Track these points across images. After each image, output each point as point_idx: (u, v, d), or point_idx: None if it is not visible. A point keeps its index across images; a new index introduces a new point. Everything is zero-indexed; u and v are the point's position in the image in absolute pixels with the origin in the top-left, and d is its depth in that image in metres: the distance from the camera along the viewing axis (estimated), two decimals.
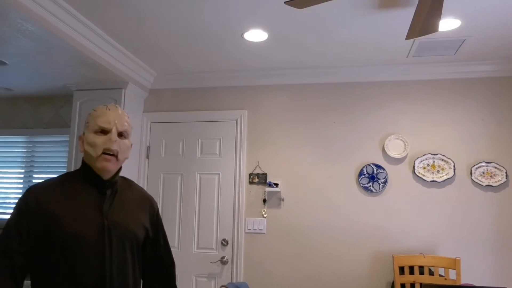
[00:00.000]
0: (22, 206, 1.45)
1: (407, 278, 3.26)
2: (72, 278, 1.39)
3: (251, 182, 3.88)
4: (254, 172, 3.90)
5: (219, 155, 4.00)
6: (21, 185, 4.53)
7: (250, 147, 3.96)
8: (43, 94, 4.42)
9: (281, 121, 3.94)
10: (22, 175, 4.55)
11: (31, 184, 4.47)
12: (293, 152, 3.87)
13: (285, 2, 2.21)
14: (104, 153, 1.50)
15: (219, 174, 3.97)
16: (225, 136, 4.02)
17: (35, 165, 4.53)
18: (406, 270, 3.30)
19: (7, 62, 3.43)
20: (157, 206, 1.75)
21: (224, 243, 3.84)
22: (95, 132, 1.52)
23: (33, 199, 1.45)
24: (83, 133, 1.57)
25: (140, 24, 3.06)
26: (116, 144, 1.51)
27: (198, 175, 4.01)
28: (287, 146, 3.89)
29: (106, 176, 1.54)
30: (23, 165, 4.56)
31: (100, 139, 1.51)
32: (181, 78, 4.12)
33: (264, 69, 3.93)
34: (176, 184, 4.02)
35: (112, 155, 1.51)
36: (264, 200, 3.84)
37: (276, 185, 3.77)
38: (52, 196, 1.46)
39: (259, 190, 3.86)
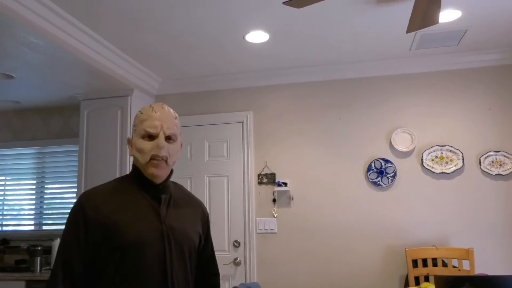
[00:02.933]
0: (79, 213, 1.38)
1: (421, 271, 3.25)
2: (134, 285, 1.34)
3: (260, 183, 3.90)
4: (262, 173, 3.92)
5: (227, 157, 4.02)
6: (34, 196, 4.59)
7: (257, 148, 3.98)
8: (51, 105, 4.48)
9: (287, 120, 3.95)
10: (34, 186, 4.61)
11: (43, 195, 4.54)
12: (300, 150, 3.89)
13: (283, 3, 2.23)
14: (152, 159, 1.43)
15: (227, 176, 3.99)
16: (232, 138, 4.04)
17: (47, 176, 4.59)
18: (420, 262, 3.29)
19: (14, 75, 3.49)
20: (207, 212, 1.70)
21: (236, 244, 3.86)
22: (142, 137, 1.45)
23: (90, 206, 1.38)
24: (132, 137, 1.51)
25: (143, 32, 3.10)
26: (164, 150, 1.44)
27: (207, 178, 4.03)
28: (294, 145, 3.90)
29: (158, 181, 1.47)
30: (35, 176, 4.62)
31: (147, 145, 1.44)
32: (185, 82, 4.16)
33: (267, 70, 3.95)
34: (185, 187, 4.04)
35: (161, 159, 1.44)
36: (274, 200, 3.85)
37: (285, 184, 3.79)
38: (109, 202, 1.41)
39: (268, 190, 3.88)
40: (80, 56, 3.08)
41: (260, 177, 3.91)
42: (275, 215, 3.83)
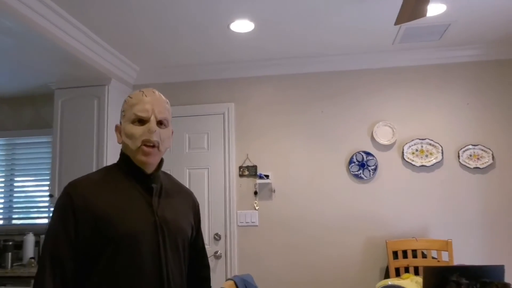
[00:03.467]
0: (67, 204, 1.29)
1: (401, 262, 3.29)
2: (128, 279, 1.27)
3: (241, 175, 3.85)
4: (244, 165, 3.87)
5: (208, 149, 3.95)
6: (2, 190, 4.38)
7: (238, 140, 3.92)
8: (22, 94, 4.27)
9: (270, 112, 3.91)
10: (3, 179, 4.39)
11: (13, 188, 4.34)
12: (282, 143, 3.86)
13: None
14: (143, 144, 1.36)
15: (208, 168, 3.92)
16: (213, 130, 3.97)
17: (16, 168, 4.38)
18: (400, 254, 3.33)
19: None
20: (198, 202, 1.64)
21: (217, 237, 3.80)
22: (132, 122, 1.38)
23: (78, 197, 1.29)
24: (120, 123, 1.44)
25: (123, 16, 2.97)
26: (156, 135, 1.37)
27: (187, 170, 3.95)
28: (276, 138, 3.87)
29: (149, 170, 1.40)
30: (3, 169, 4.40)
31: (138, 130, 1.37)
32: (165, 72, 4.05)
33: (251, 61, 3.89)
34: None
35: (153, 146, 1.37)
36: (255, 193, 3.81)
37: (267, 176, 3.75)
38: (98, 193, 1.32)
39: (249, 183, 3.83)
40: (55, 40, 2.93)
41: (241, 169, 3.85)
42: (257, 208, 3.80)
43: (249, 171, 3.84)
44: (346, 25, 3.19)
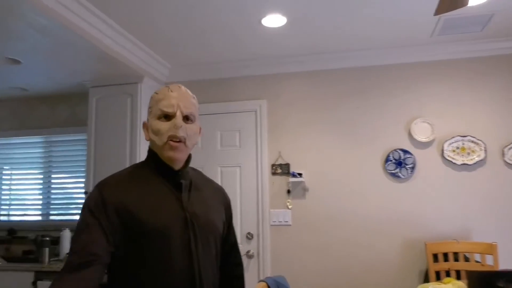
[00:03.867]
0: (98, 201, 1.27)
1: (442, 266, 3.14)
2: (160, 275, 1.25)
3: (274, 173, 3.79)
4: (276, 163, 3.80)
5: (240, 147, 3.91)
6: (41, 186, 4.49)
7: (271, 137, 3.85)
8: (58, 93, 4.37)
9: (302, 109, 3.83)
10: (42, 176, 4.51)
11: (50, 185, 4.44)
12: (316, 140, 3.76)
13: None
14: (170, 140, 1.33)
15: (240, 166, 3.88)
16: (245, 127, 3.92)
17: (54, 165, 4.49)
18: (440, 257, 3.19)
19: (21, 60, 3.37)
20: (229, 197, 1.61)
21: (249, 236, 3.75)
22: (159, 118, 1.35)
23: (109, 194, 1.28)
24: (147, 120, 1.41)
25: (154, 15, 2.97)
26: (182, 130, 1.33)
27: (219, 168, 3.92)
28: (309, 135, 3.78)
29: (177, 166, 1.37)
30: (42, 166, 4.52)
31: (164, 126, 1.34)
32: (197, 69, 4.03)
33: (283, 56, 3.82)
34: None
35: (179, 141, 1.34)
36: (288, 191, 3.74)
37: (300, 175, 3.67)
38: (128, 190, 1.31)
39: (282, 181, 3.76)
40: (90, 39, 2.96)
41: (274, 167, 3.79)
42: (290, 207, 3.72)
43: (282, 169, 3.77)
44: (382, 17, 3.07)
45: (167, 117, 1.35)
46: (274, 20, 3.06)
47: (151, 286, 1.25)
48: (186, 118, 1.37)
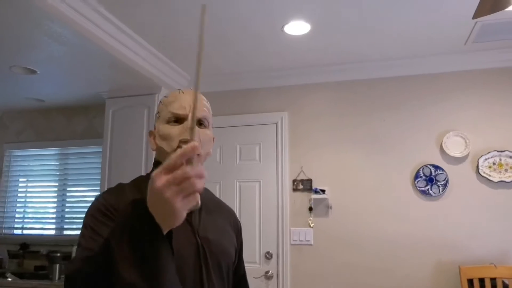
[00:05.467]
0: (101, 209, 1.09)
1: None
2: None
3: (295, 189, 3.59)
4: (298, 178, 3.61)
5: (259, 161, 3.74)
6: (55, 199, 4.40)
7: (292, 152, 3.68)
8: (75, 104, 4.30)
9: (326, 122, 3.64)
10: (56, 188, 4.42)
11: (65, 198, 4.34)
12: (340, 155, 3.57)
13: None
14: (182, 144, 1.11)
15: (260, 181, 3.70)
16: (265, 141, 3.75)
17: (69, 178, 4.40)
18: (476, 283, 2.96)
19: (37, 70, 3.31)
20: (240, 222, 1.44)
21: (268, 256, 3.55)
22: (168, 122, 1.18)
23: (113, 204, 1.09)
24: (154, 127, 1.25)
25: (173, 24, 2.87)
26: (196, 134, 1.12)
27: (238, 183, 3.75)
28: (333, 149, 3.59)
29: None
30: (57, 178, 4.43)
31: (175, 130, 1.16)
32: (216, 80, 3.90)
33: (306, 66, 3.66)
34: (214, 193, 3.77)
35: None
36: (310, 208, 3.54)
37: (323, 191, 3.47)
38: (131, 197, 1.10)
39: (304, 198, 3.57)
40: (106, 48, 2.87)
41: (295, 183, 3.60)
42: (312, 225, 3.52)
43: (304, 185, 3.57)
44: (413, 25, 2.89)
45: (178, 120, 1.18)
46: (297, 27, 2.92)
47: None
48: (199, 123, 1.20)
